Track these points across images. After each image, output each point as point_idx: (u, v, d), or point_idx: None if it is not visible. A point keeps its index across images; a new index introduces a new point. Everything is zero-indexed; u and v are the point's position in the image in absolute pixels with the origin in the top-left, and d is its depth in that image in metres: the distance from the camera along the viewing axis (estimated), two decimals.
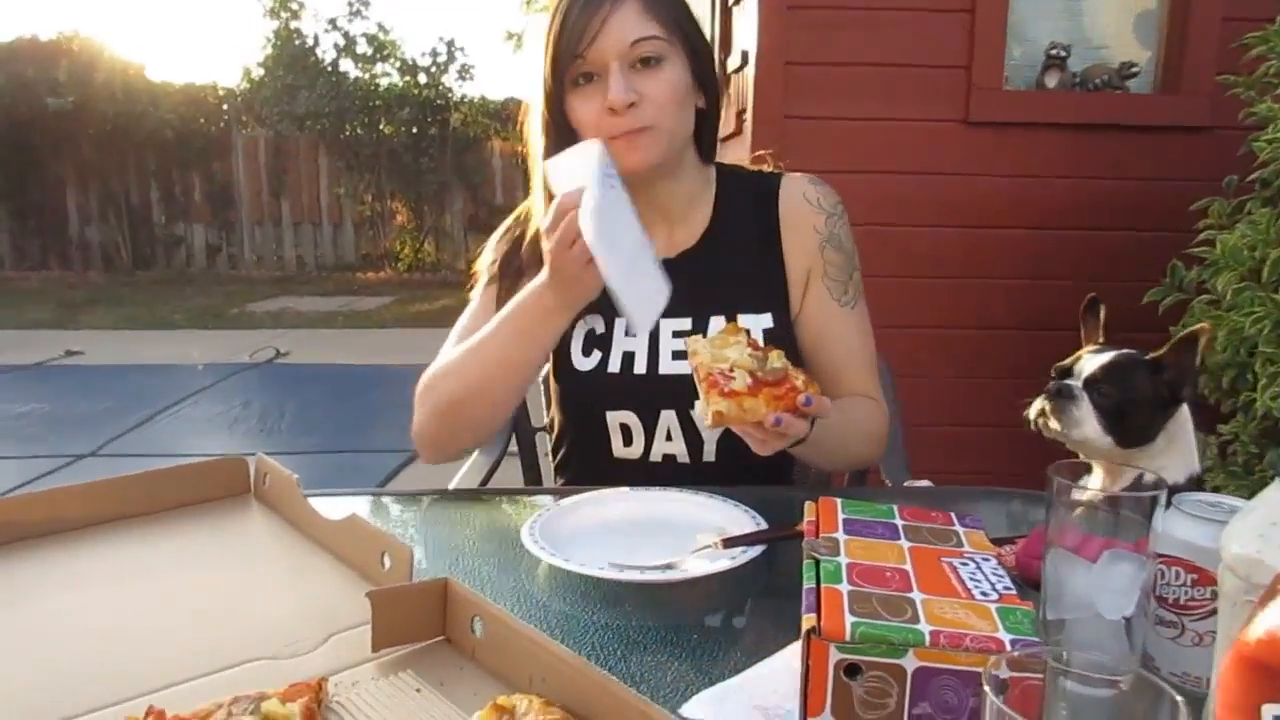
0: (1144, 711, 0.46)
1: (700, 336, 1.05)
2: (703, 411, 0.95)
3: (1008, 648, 0.59)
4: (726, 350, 1.00)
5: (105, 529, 1.00)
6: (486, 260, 1.33)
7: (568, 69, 1.14)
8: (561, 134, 1.17)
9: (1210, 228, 2.03)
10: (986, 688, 0.44)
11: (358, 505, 1.18)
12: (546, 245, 1.06)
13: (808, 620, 0.62)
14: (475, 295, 1.32)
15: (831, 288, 1.28)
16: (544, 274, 1.10)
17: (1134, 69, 2.65)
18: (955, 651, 0.59)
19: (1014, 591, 0.67)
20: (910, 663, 0.60)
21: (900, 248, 2.67)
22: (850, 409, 1.24)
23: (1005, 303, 2.70)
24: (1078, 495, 0.72)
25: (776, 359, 0.99)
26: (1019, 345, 2.69)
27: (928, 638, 0.60)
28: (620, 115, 1.13)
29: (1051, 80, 2.67)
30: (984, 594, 0.66)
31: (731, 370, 0.97)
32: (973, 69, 2.60)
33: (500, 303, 1.23)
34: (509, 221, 1.36)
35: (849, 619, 0.61)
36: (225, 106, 10.26)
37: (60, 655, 0.76)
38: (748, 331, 1.06)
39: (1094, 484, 0.90)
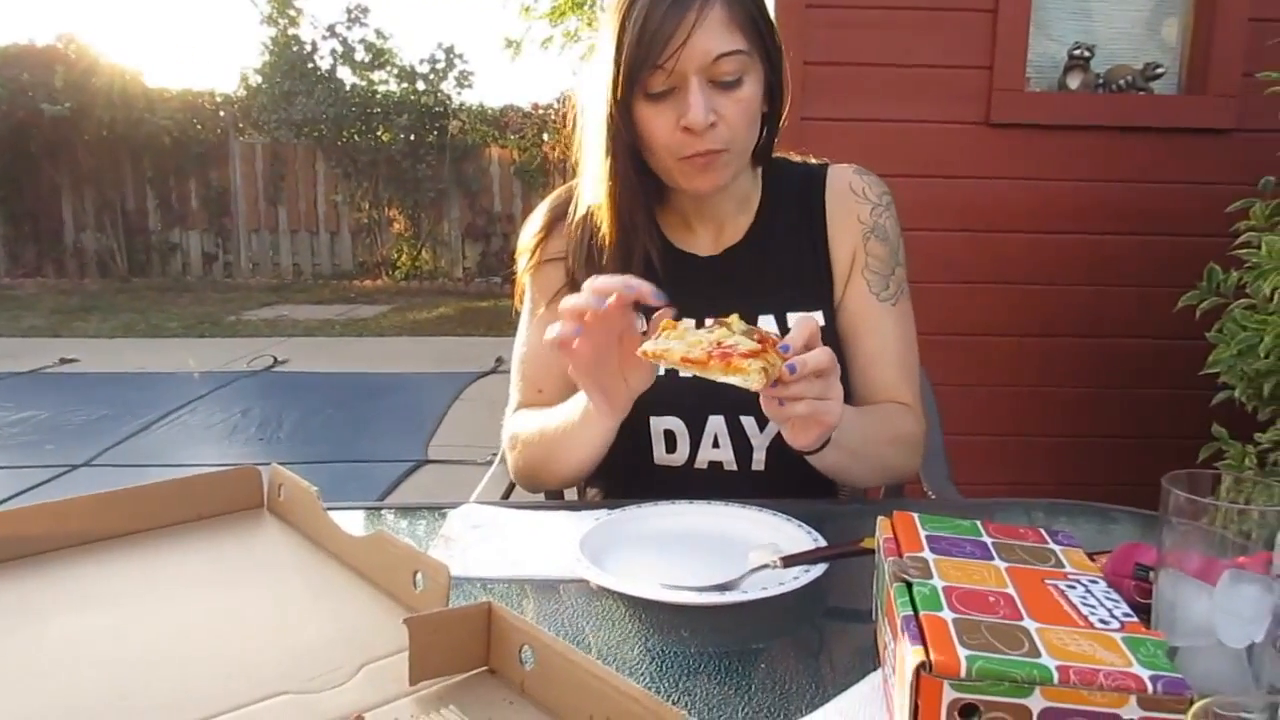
0: None
1: (652, 341, 0.91)
2: (749, 382, 0.83)
3: (1148, 685, 0.52)
4: (690, 336, 0.89)
5: (112, 544, 0.93)
6: (525, 256, 1.26)
7: (642, 77, 1.05)
8: (624, 139, 1.09)
9: (1251, 229, 1.97)
10: None
11: (373, 519, 1.11)
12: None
13: (915, 653, 0.55)
14: (526, 293, 1.26)
15: (871, 280, 1.22)
16: None
17: (1159, 70, 2.59)
18: (1088, 690, 0.52)
19: (1135, 619, 0.60)
20: (1036, 703, 0.52)
21: (920, 252, 2.60)
22: (877, 411, 1.17)
23: (1032, 309, 2.63)
24: (1197, 509, 0.65)
25: (737, 323, 0.90)
26: (1047, 352, 2.62)
27: (1055, 674, 0.53)
28: (697, 135, 1.06)
29: (1074, 81, 2.61)
30: (1103, 621, 0.59)
31: (718, 344, 0.86)
32: (994, 70, 2.53)
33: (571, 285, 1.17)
34: (544, 214, 1.27)
35: (962, 652, 0.54)
36: (222, 113, 10.17)
37: (69, 684, 0.68)
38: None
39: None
